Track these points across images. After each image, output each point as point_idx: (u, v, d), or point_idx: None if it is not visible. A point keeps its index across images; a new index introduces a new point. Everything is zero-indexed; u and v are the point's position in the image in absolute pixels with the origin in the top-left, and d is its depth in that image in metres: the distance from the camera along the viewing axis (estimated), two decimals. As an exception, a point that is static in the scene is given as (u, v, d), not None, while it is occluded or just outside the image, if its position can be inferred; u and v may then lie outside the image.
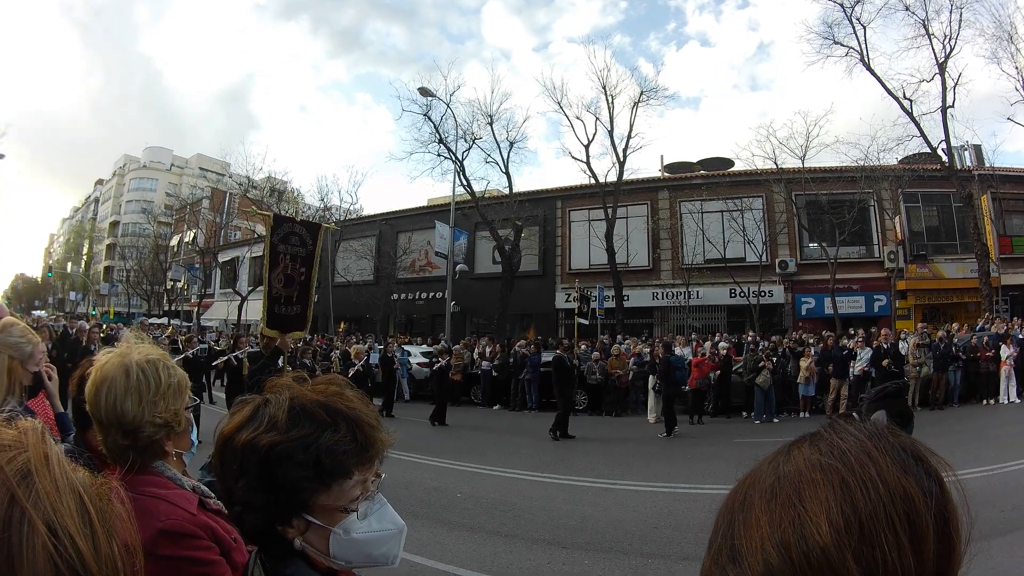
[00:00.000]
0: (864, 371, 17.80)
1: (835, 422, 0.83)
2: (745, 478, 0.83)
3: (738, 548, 0.75)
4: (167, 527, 1.72)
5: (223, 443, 1.37)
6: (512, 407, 21.93)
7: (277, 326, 6.16)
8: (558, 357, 16.81)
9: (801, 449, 0.81)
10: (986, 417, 16.42)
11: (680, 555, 6.98)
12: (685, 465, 12.28)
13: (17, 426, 0.73)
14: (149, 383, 1.88)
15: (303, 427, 1.31)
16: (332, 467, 1.31)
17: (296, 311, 6.33)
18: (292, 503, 1.31)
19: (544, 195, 35.31)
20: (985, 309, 23.42)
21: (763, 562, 0.72)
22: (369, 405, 1.45)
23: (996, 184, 25.91)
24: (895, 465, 0.74)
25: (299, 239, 6.37)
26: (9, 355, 3.19)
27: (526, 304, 32.62)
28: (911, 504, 0.71)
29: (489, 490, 10.30)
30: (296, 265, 6.30)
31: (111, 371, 1.87)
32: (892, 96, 25.60)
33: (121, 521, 0.74)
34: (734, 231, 29.06)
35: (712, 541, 0.82)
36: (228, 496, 1.37)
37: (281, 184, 44.30)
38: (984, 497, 7.88)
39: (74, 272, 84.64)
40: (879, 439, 0.77)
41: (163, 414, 1.88)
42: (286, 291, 6.25)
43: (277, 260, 6.21)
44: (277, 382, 1.45)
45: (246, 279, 47.20)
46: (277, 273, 6.20)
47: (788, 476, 0.77)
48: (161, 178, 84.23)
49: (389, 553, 1.43)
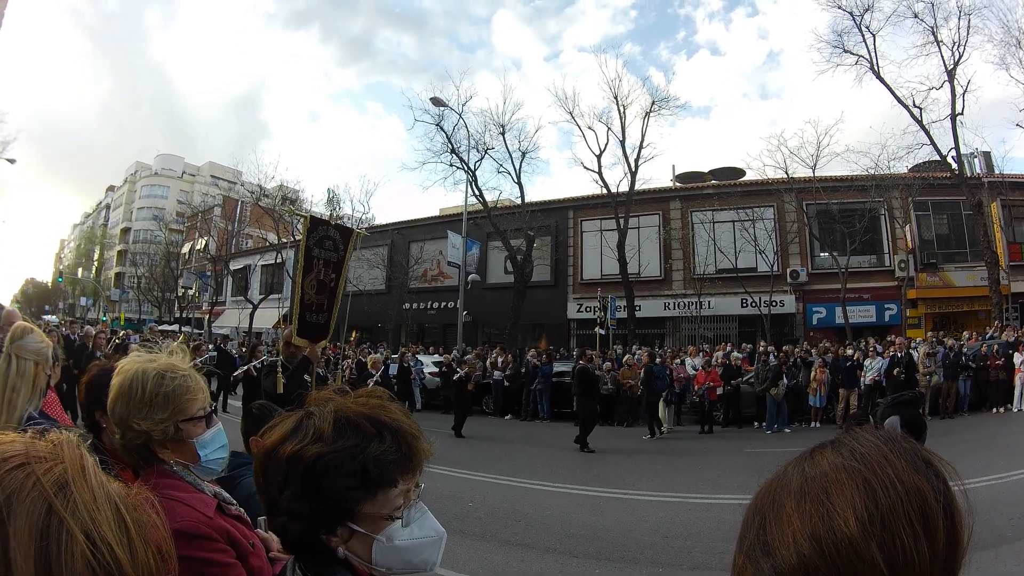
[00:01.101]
0: (875, 380, 17.77)
1: (852, 429, 0.93)
2: (771, 481, 0.93)
3: (771, 543, 0.85)
4: (182, 527, 1.75)
5: (266, 455, 1.40)
6: (524, 417, 21.94)
7: (307, 335, 5.91)
8: (582, 368, 16.66)
9: (824, 454, 0.90)
10: (996, 425, 16.33)
11: (691, 564, 7.01)
12: (696, 475, 12.28)
13: (51, 438, 0.76)
14: (135, 391, 1.96)
15: (349, 438, 1.35)
16: (379, 476, 1.35)
17: (323, 319, 6.06)
18: (338, 512, 1.35)
19: (556, 205, 35.27)
20: (995, 317, 23.33)
21: (796, 553, 0.81)
22: (410, 416, 1.49)
23: (1006, 191, 25.70)
24: (909, 466, 0.84)
25: (333, 243, 6.09)
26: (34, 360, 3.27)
27: (538, 314, 32.60)
28: (924, 500, 0.81)
29: (501, 499, 10.33)
30: (328, 271, 6.04)
31: (118, 376, 2.01)
32: (902, 104, 25.58)
33: (155, 529, 0.77)
34: (745, 241, 28.96)
35: (743, 539, 0.91)
36: (271, 507, 1.40)
37: (293, 193, 44.39)
38: (994, 505, 7.89)
39: (85, 278, 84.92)
40: (893, 443, 0.87)
41: (142, 423, 1.95)
42: (318, 298, 5.97)
43: (312, 265, 5.92)
44: (319, 395, 1.48)
45: (257, 287, 47.36)
46: (311, 279, 5.92)
47: (815, 478, 0.87)
48: (173, 185, 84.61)
49: (429, 559, 1.47)
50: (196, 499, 1.94)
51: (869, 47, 25.99)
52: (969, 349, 19.34)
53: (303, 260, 5.85)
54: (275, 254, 43.45)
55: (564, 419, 20.81)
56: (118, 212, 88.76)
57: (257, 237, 54.94)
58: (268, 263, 47.05)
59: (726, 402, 19.65)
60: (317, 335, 6.00)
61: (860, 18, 25.68)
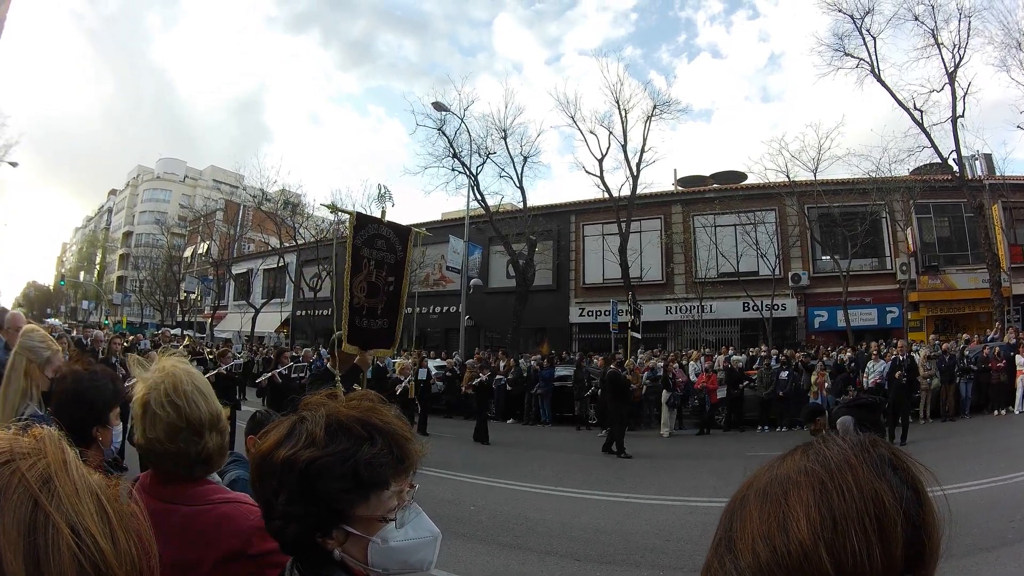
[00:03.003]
0: (877, 383, 17.77)
1: (829, 435, 0.94)
2: (747, 480, 0.95)
3: (734, 540, 0.86)
4: (260, 523, 1.70)
5: (261, 460, 1.42)
6: (525, 421, 21.97)
7: (357, 341, 5.45)
8: (613, 372, 16.54)
9: (794, 456, 0.92)
10: (997, 428, 16.33)
11: (692, 567, 6.98)
12: (698, 478, 12.29)
13: (34, 434, 0.77)
14: (203, 404, 1.96)
15: (341, 442, 1.37)
16: (370, 479, 1.37)
17: (382, 325, 5.66)
18: (332, 515, 1.37)
19: (558, 209, 35.29)
20: (996, 319, 23.31)
21: (752, 552, 0.83)
22: (402, 419, 1.51)
23: (1007, 193, 25.66)
24: (871, 471, 0.84)
25: (386, 243, 5.65)
26: (28, 358, 3.30)
27: (540, 318, 32.55)
28: (881, 506, 0.80)
29: (502, 503, 10.35)
30: (382, 273, 5.62)
31: (184, 383, 1.96)
32: (902, 107, 25.53)
33: (135, 519, 0.78)
34: (747, 245, 28.96)
35: (715, 536, 0.92)
36: (268, 510, 1.42)
37: (295, 197, 44.44)
38: (995, 507, 7.89)
39: (87, 281, 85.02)
40: (861, 449, 0.88)
41: (217, 437, 1.97)
42: (369, 302, 5.54)
43: (361, 266, 5.47)
44: (311, 399, 1.50)
45: (259, 291, 47.40)
46: (359, 280, 5.46)
47: (779, 478, 0.88)
48: (175, 189, 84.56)
49: (425, 559, 1.48)
50: (245, 496, 1.95)
51: (870, 50, 25.98)
52: (971, 351, 19.34)
53: (350, 260, 5.42)
54: (277, 258, 43.48)
55: (565, 423, 20.83)
56: (120, 216, 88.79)
57: (259, 241, 55.04)
58: (270, 267, 47.14)
59: (729, 406, 19.67)
60: (371, 342, 5.63)
61: (861, 21, 25.66)
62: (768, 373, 19.11)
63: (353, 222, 5.48)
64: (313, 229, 43.61)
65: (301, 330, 43.57)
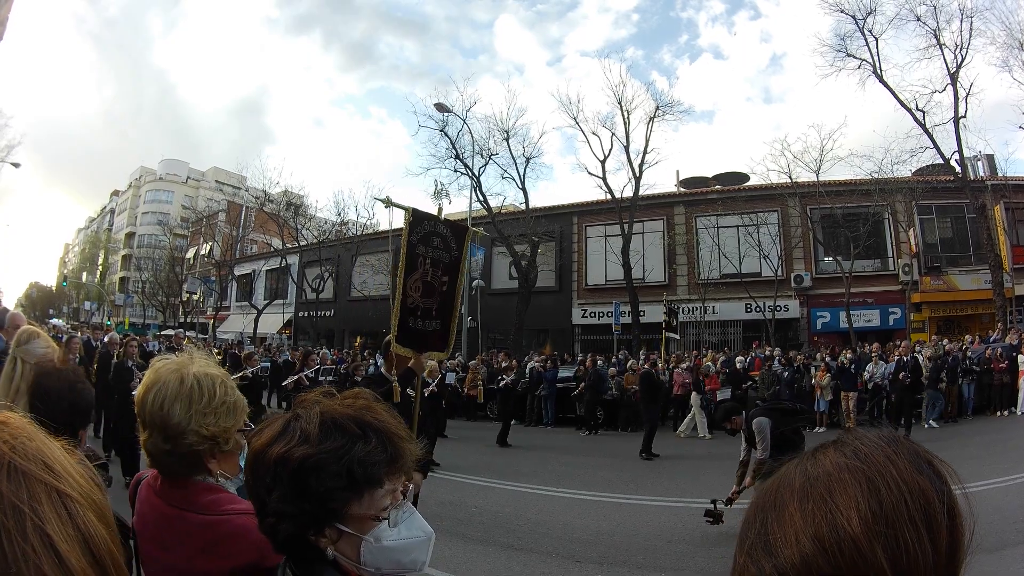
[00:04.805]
0: (878, 385, 17.77)
1: (854, 430, 0.94)
2: (772, 481, 0.94)
3: (772, 542, 0.85)
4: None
5: (255, 457, 1.42)
6: (528, 422, 21.96)
7: (410, 343, 5.33)
8: (647, 372, 16.64)
9: (827, 454, 0.91)
10: (1000, 428, 16.31)
11: (694, 569, 7.00)
12: (699, 480, 12.23)
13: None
14: (202, 393, 1.89)
15: (335, 439, 1.36)
16: (364, 477, 1.36)
17: (435, 327, 5.48)
18: (325, 513, 1.36)
19: (560, 211, 35.30)
20: (998, 320, 23.30)
21: (799, 552, 0.82)
22: (397, 417, 1.50)
23: (1009, 194, 25.66)
24: (912, 466, 0.85)
25: (443, 242, 5.53)
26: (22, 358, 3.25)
27: (543, 319, 32.62)
28: (928, 500, 0.82)
29: (503, 504, 10.34)
30: (437, 272, 5.46)
31: (165, 375, 1.90)
32: (905, 107, 25.53)
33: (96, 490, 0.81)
34: (750, 246, 28.90)
35: (744, 538, 0.91)
36: (261, 508, 1.41)
37: (297, 198, 44.47)
38: (998, 508, 7.86)
39: (89, 282, 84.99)
40: (896, 444, 0.88)
41: (210, 427, 1.88)
42: (424, 302, 5.38)
43: (416, 264, 5.32)
44: (305, 397, 1.50)
45: (262, 292, 47.44)
46: (415, 280, 5.31)
47: (818, 477, 0.87)
48: (177, 190, 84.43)
49: (418, 559, 1.48)
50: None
51: (872, 51, 26.01)
52: (973, 352, 19.32)
53: (405, 258, 5.27)
54: (280, 259, 43.51)
55: (568, 424, 20.82)
56: (123, 217, 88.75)
57: (261, 242, 55.02)
58: (272, 268, 47.15)
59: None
60: (426, 344, 5.48)
61: (863, 22, 25.69)
62: (770, 375, 19.09)
63: (409, 219, 5.30)
64: (316, 230, 43.67)
65: (303, 331, 43.57)
